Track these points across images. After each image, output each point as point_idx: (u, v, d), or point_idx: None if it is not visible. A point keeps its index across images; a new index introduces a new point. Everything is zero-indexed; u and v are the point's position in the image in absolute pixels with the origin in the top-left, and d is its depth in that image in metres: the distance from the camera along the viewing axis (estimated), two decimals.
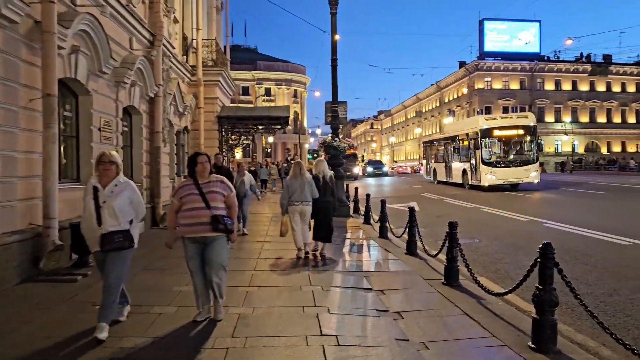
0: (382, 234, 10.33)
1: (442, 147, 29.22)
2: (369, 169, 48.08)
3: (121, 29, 9.76)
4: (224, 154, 17.52)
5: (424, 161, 36.02)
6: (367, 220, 12.53)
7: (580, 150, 71.70)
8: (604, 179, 33.38)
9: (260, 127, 20.24)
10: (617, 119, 74.05)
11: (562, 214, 13.14)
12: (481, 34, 70.88)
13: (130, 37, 10.27)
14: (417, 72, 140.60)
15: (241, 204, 10.02)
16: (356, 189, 15.23)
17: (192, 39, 16.13)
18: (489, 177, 21.80)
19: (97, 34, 7.92)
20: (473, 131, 23.39)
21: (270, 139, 61.80)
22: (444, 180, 28.16)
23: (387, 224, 10.30)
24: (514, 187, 22.32)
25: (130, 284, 5.09)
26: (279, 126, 18.08)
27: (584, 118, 72.64)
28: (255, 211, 15.39)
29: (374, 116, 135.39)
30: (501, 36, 71.14)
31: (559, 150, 71.68)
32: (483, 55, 70.91)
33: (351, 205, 14.95)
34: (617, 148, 72.85)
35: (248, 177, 10.79)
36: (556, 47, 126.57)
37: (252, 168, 28.91)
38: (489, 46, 70.73)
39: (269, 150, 72.37)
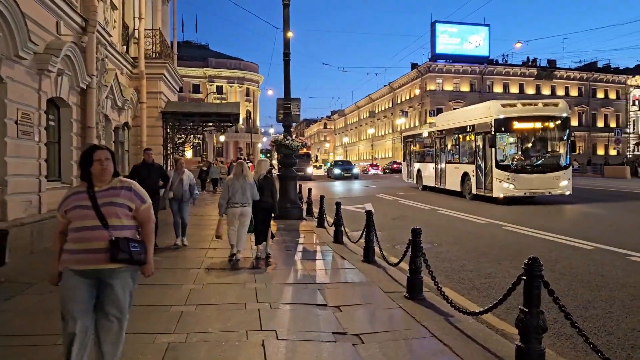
0: (337, 238, 9.66)
1: (432, 143, 23.03)
2: (336, 171, 40.54)
3: (46, 10, 8.66)
4: (169, 152, 16.46)
5: (404, 161, 28.74)
6: (320, 224, 11.84)
7: None
8: None
9: (210, 125, 19.23)
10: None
11: (518, 218, 12.92)
12: (433, 36, 71.76)
13: (58, 21, 9.17)
14: (371, 71, 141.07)
15: (180, 209, 9.09)
16: (309, 190, 14.54)
17: (134, 29, 15.01)
18: (505, 185, 16.11)
19: (11, 11, 6.86)
20: (483, 122, 17.46)
21: (222, 138, 60.32)
22: (433, 185, 22.44)
23: (343, 228, 9.64)
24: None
25: None
26: (229, 124, 17.13)
27: None
28: (202, 213, 14.45)
29: (327, 116, 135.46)
30: (452, 39, 72.28)
31: None
32: (435, 57, 71.84)
33: (304, 207, 14.24)
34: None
35: (188, 176, 9.19)
36: (504, 50, 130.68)
37: (204, 167, 27.96)
38: (440, 48, 71.73)
39: (221, 149, 70.84)
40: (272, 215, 8.09)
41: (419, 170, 24.58)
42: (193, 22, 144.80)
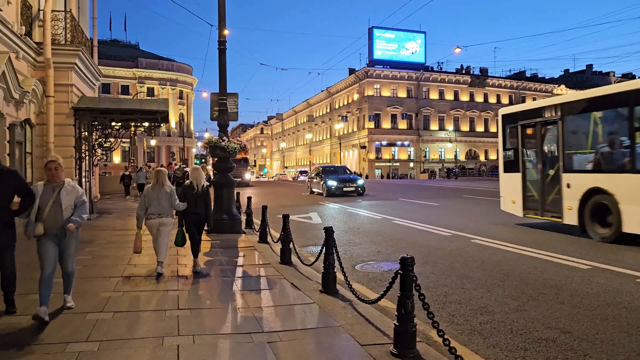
0: (285, 258, 7.96)
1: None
2: (332, 183, 23.09)
3: None
4: (84, 155, 14.13)
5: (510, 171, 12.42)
6: (263, 238, 10.10)
7: (462, 157, 75.09)
8: (489, 184, 33.95)
9: (134, 124, 17.00)
10: (493, 129, 78.53)
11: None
12: (371, 41, 71.73)
13: None
14: (312, 71, 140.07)
15: (60, 247, 5.10)
16: (249, 198, 12.71)
17: (39, 9, 12.68)
18: None
19: None
20: None
21: (153, 142, 56.99)
22: None
23: (292, 245, 7.96)
24: None
25: None
26: (156, 123, 15.00)
27: (465, 127, 76.27)
28: (121, 227, 12.32)
29: (264, 121, 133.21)
30: (390, 45, 72.60)
31: (443, 157, 74.52)
32: (373, 62, 71.80)
33: (243, 218, 12.43)
34: (493, 156, 77.18)
35: (71, 193, 5.11)
36: (439, 57, 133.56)
37: (127, 172, 25.40)
38: (378, 54, 71.85)
39: (152, 154, 67.21)
40: (205, 228, 7.79)
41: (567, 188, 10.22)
42: (121, 20, 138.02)
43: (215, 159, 11.73)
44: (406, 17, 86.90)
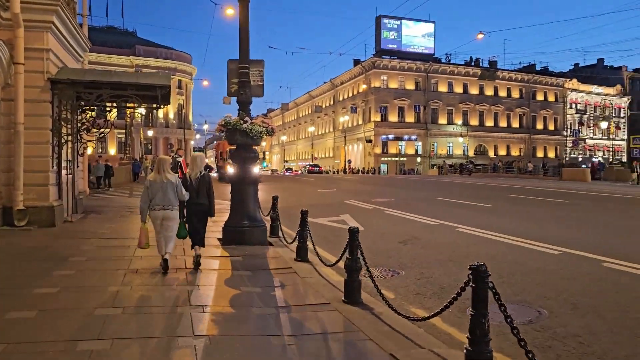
0: (353, 295, 5.24)
1: None
2: None
3: None
4: (65, 139, 11.30)
5: None
6: (302, 255, 7.36)
7: (470, 153, 72.36)
8: (520, 182, 31.27)
9: (132, 106, 14.19)
10: (503, 124, 75.98)
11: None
12: (379, 30, 68.82)
13: None
14: (322, 56, 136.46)
15: None
16: (275, 198, 9.88)
17: None
18: None
19: None
20: None
21: (150, 133, 54.04)
22: None
23: (369, 274, 5.21)
24: None
25: None
26: (155, 104, 12.18)
27: (474, 121, 73.53)
28: (110, 233, 9.52)
29: (263, 114, 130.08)
30: (398, 34, 69.68)
31: (451, 153, 71.76)
32: (380, 52, 68.93)
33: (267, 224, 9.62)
34: (502, 152, 74.63)
35: None
36: (448, 48, 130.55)
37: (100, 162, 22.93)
38: (385, 44, 68.92)
39: (149, 145, 64.33)
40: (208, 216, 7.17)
41: None
42: (119, 6, 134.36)
43: (235, 146, 8.93)
44: (416, 7, 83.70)
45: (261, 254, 7.90)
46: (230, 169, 32.09)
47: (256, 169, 9.12)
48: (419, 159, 70.00)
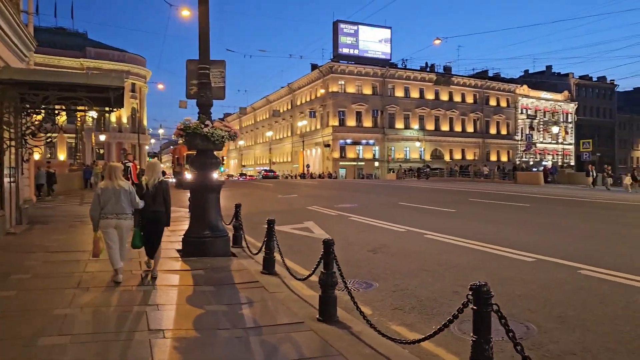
0: (328, 312, 4.86)
1: None
2: None
3: None
4: (7, 145, 10.43)
5: None
6: (268, 267, 6.91)
7: (427, 157, 73.34)
8: (477, 186, 31.71)
9: (83, 109, 13.36)
10: (458, 128, 77.46)
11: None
12: (336, 35, 68.95)
13: None
14: (281, 59, 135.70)
15: None
16: (237, 206, 9.37)
17: None
18: None
19: None
20: None
21: (102, 137, 52.09)
22: None
23: (347, 290, 4.83)
24: None
25: None
26: (108, 107, 11.45)
27: (430, 126, 74.63)
28: (58, 246, 8.77)
29: (220, 118, 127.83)
30: (355, 39, 70.01)
31: (408, 157, 72.53)
32: (337, 57, 69.04)
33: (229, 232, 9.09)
34: (457, 156, 76.05)
35: None
36: (404, 54, 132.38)
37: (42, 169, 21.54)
38: (343, 49, 69.11)
39: (102, 150, 62.09)
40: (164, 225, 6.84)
41: None
42: (68, 6, 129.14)
43: (195, 151, 8.39)
44: (373, 12, 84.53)
45: (225, 266, 7.40)
46: (188, 175, 31.24)
47: (215, 175, 8.64)
48: (376, 164, 70.42)
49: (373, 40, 71.29)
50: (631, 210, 15.36)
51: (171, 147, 78.11)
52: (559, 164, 72.80)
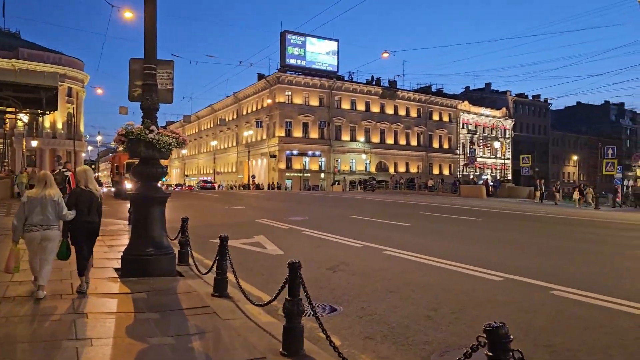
0: (294, 345, 4.25)
1: None
2: None
3: None
4: None
5: None
6: (220, 289, 6.20)
7: (372, 169, 73.96)
8: (424, 198, 31.93)
9: (12, 111, 12.13)
10: (402, 141, 78.73)
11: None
12: (283, 46, 68.61)
13: None
14: (227, 68, 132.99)
15: None
16: (184, 220, 8.56)
17: None
18: None
19: None
20: None
21: (34, 143, 48.97)
22: None
23: (317, 320, 4.25)
24: None
25: None
26: (39, 110, 10.37)
27: (375, 138, 75.42)
28: None
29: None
30: (302, 50, 69.95)
31: (354, 169, 72.84)
32: (284, 67, 68.65)
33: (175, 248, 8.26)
34: (402, 168, 77.21)
35: None
36: (351, 68, 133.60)
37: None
38: (290, 59, 68.86)
39: (33, 157, 58.65)
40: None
41: None
42: None
43: (138, 159, 7.57)
44: (321, 25, 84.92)
45: (170, 288, 6.62)
46: (128, 185, 29.70)
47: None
48: (322, 175, 70.27)
49: (320, 52, 71.50)
50: (583, 226, 15.59)
51: (110, 154, 74.87)
52: (497, 177, 75.19)
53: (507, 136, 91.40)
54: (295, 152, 68.43)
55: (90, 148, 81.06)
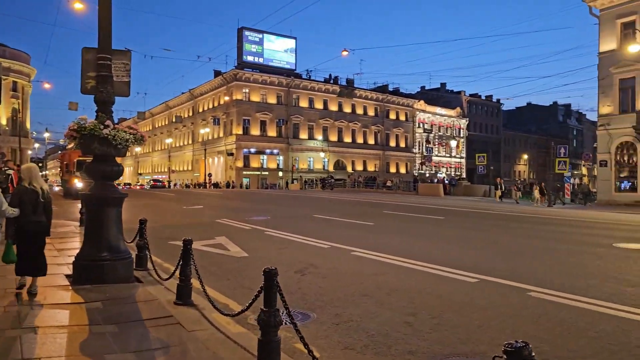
0: (267, 354, 3.88)
1: None
2: None
3: None
4: None
5: None
6: (184, 297, 5.76)
7: (330, 167, 73.97)
8: (383, 197, 31.98)
9: None
10: (360, 140, 79.10)
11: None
12: (240, 43, 67.65)
13: None
14: (182, 63, 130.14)
15: None
16: (142, 222, 8.01)
17: None
18: None
19: None
20: None
21: None
22: None
23: (298, 333, 3.88)
24: None
25: None
26: None
27: (333, 137, 75.47)
28: None
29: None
30: (260, 47, 69.23)
31: (312, 167, 72.64)
32: (242, 65, 67.73)
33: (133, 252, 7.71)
34: (359, 167, 77.57)
35: None
36: (308, 66, 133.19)
37: None
38: (247, 57, 68.01)
39: None
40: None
41: None
42: None
43: (92, 156, 7.00)
44: (279, 22, 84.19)
45: (128, 296, 6.11)
46: (79, 183, 28.28)
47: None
48: (280, 173, 69.72)
49: (278, 50, 70.94)
50: (547, 224, 15.79)
51: (59, 152, 71.94)
52: (453, 176, 76.61)
53: (461, 135, 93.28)
54: (252, 150, 67.62)
55: (37, 145, 77.60)
